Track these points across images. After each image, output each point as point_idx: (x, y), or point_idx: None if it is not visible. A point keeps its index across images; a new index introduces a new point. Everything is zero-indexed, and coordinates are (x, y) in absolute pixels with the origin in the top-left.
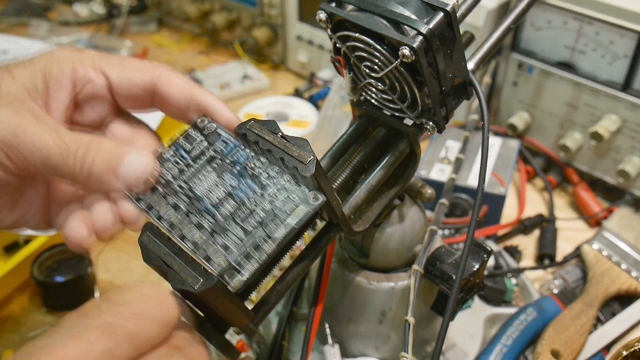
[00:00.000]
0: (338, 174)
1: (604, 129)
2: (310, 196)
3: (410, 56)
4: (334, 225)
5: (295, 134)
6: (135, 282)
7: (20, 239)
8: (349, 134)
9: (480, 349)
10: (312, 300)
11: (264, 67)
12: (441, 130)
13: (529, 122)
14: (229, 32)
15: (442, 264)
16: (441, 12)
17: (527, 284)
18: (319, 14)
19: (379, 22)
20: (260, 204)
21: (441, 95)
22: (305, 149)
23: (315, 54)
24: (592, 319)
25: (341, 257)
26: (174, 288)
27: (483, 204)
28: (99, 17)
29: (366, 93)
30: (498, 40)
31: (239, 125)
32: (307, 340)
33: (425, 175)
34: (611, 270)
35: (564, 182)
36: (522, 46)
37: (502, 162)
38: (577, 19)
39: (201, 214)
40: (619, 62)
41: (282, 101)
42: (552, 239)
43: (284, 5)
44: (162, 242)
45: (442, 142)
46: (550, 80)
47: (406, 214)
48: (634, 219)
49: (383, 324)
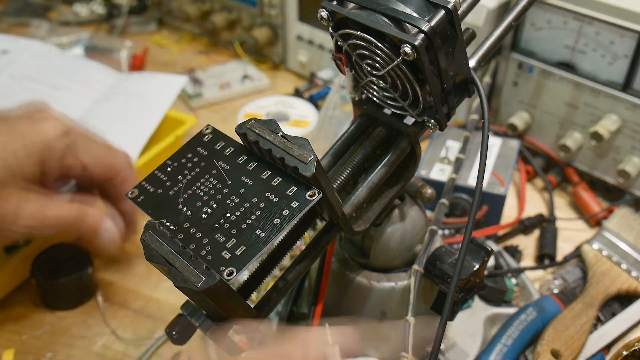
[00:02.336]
0: (338, 174)
1: (604, 129)
2: (307, 193)
3: (411, 54)
4: (334, 225)
5: (296, 133)
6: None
7: (21, 239)
8: (349, 133)
9: (480, 349)
10: (312, 300)
11: (264, 67)
12: (443, 128)
13: (529, 122)
14: (229, 32)
15: (442, 264)
16: (442, 10)
17: (527, 284)
18: (320, 12)
19: (380, 20)
20: (258, 201)
21: (443, 93)
22: (305, 149)
23: (315, 54)
24: (592, 319)
25: (341, 257)
26: (177, 286)
27: (483, 204)
28: (99, 17)
29: (368, 91)
30: (499, 38)
31: (240, 125)
32: None
33: (426, 175)
34: (611, 270)
35: (564, 182)
36: (522, 46)
37: (502, 162)
38: (577, 19)
39: (201, 213)
40: (619, 62)
41: (282, 101)
42: (552, 239)
43: (284, 5)
44: (164, 241)
45: (442, 142)
46: (550, 80)
47: (406, 213)
48: (634, 219)
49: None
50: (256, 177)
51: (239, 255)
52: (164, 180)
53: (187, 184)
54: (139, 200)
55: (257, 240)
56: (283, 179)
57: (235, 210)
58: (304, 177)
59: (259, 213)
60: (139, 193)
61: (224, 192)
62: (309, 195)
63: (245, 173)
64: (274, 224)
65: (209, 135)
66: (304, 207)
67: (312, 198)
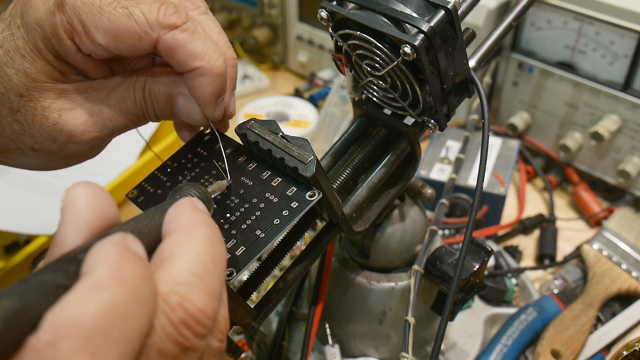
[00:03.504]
0: (338, 174)
1: (604, 129)
2: (307, 194)
3: (411, 54)
4: (334, 226)
5: (296, 134)
6: None
7: (20, 239)
8: (349, 133)
9: (481, 349)
10: (312, 300)
11: (264, 67)
12: (443, 128)
13: (529, 122)
14: (229, 32)
15: (442, 264)
16: (442, 10)
17: (527, 284)
18: (320, 12)
19: (380, 20)
20: (258, 202)
21: (443, 93)
22: (305, 149)
23: (315, 54)
24: (592, 319)
25: (341, 257)
26: None
27: (483, 204)
28: None
29: (367, 91)
30: (499, 38)
31: (239, 125)
32: (307, 340)
33: (426, 175)
34: (611, 270)
35: (564, 182)
36: (523, 46)
37: (502, 162)
38: (578, 19)
39: None
40: (619, 62)
41: (282, 101)
42: (552, 239)
43: (284, 5)
44: None
45: (442, 142)
46: (550, 80)
47: (406, 214)
48: (634, 219)
49: (383, 324)
50: (256, 178)
51: (238, 255)
52: (163, 180)
53: None
54: (138, 201)
55: (257, 240)
56: (283, 179)
57: (235, 210)
58: (304, 178)
59: (258, 213)
60: (138, 193)
61: (224, 193)
62: (308, 196)
63: (245, 173)
64: (273, 225)
65: (208, 136)
66: (303, 207)
67: (311, 198)
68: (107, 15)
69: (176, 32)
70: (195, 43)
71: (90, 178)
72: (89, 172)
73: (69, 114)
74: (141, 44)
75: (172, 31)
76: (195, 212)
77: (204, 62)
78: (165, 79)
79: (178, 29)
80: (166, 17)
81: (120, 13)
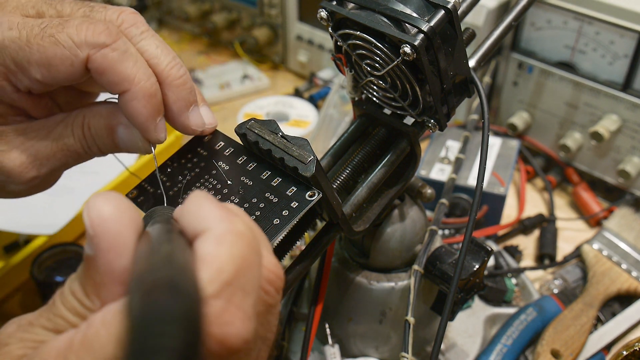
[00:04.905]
0: (338, 174)
1: (604, 129)
2: (307, 194)
3: (411, 54)
4: (334, 226)
5: (296, 133)
6: None
7: (20, 239)
8: (349, 133)
9: (481, 349)
10: (312, 300)
11: (264, 67)
12: (442, 128)
13: (529, 122)
14: (229, 32)
15: (442, 264)
16: (442, 10)
17: (527, 284)
18: (320, 12)
19: (380, 20)
20: (258, 202)
21: (443, 93)
22: (305, 149)
23: (315, 54)
24: (592, 319)
25: (341, 257)
26: None
27: (483, 204)
28: None
29: (367, 91)
30: (499, 38)
31: (239, 125)
32: (307, 340)
33: (425, 175)
34: (611, 270)
35: (564, 182)
36: (522, 46)
37: (502, 162)
38: (578, 18)
39: None
40: (619, 62)
41: (282, 101)
42: (552, 239)
43: (284, 5)
44: None
45: (442, 142)
46: (550, 80)
47: (406, 213)
48: (634, 219)
49: (383, 324)
50: (256, 178)
51: None
52: (163, 180)
53: (187, 184)
54: (138, 201)
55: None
56: (283, 179)
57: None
58: (304, 178)
59: (258, 213)
60: (138, 193)
61: (224, 193)
62: (308, 196)
63: (245, 173)
64: (273, 224)
65: (208, 136)
66: (303, 207)
67: (311, 198)
68: (36, 48)
69: (106, 51)
70: (126, 64)
71: (90, 177)
72: (89, 172)
73: (5, 156)
74: (74, 69)
75: (101, 50)
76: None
77: (132, 84)
78: (104, 110)
79: (108, 48)
80: (94, 36)
81: (47, 42)
